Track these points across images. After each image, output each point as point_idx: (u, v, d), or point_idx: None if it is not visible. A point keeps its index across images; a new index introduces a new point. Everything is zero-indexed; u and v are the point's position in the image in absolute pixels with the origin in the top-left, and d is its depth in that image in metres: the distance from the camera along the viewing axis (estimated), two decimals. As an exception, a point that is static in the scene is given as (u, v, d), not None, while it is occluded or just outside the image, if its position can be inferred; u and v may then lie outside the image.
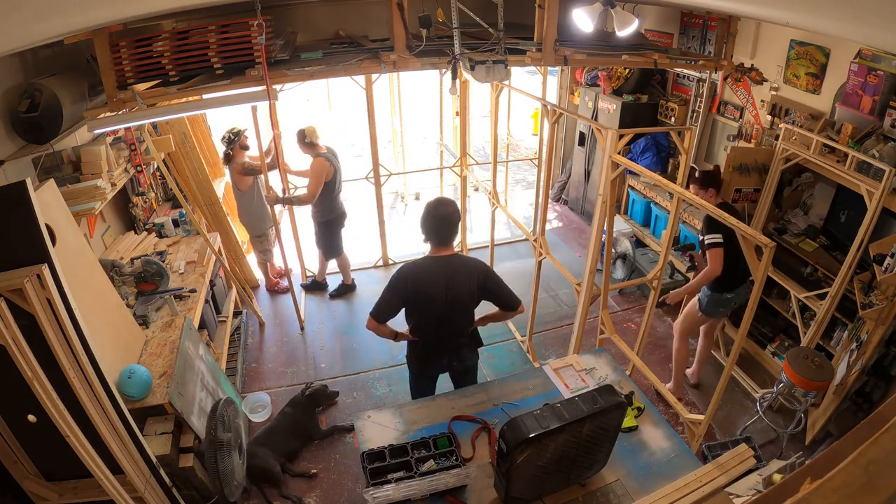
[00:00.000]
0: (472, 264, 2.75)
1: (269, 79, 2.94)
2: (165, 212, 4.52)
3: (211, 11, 3.38)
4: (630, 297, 5.15)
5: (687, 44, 4.68)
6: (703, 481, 1.95)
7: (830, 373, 3.08)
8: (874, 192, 2.94)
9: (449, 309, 2.71)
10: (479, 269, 2.72)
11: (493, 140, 4.56)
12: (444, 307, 2.70)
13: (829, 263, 3.56)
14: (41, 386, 2.04)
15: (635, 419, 2.58)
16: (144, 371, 2.73)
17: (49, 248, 2.10)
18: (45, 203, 2.38)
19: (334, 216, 4.81)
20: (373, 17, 4.10)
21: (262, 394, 3.94)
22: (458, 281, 2.66)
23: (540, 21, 3.34)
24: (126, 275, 3.42)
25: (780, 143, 3.62)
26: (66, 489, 2.48)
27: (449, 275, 2.66)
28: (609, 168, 3.01)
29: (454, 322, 2.80)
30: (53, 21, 1.93)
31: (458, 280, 2.66)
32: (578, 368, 2.90)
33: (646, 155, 5.27)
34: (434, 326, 2.80)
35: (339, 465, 3.46)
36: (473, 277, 2.69)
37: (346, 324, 4.88)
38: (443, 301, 2.68)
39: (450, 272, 2.66)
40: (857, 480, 0.87)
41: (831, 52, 3.46)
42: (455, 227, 2.69)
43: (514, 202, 7.09)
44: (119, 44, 2.82)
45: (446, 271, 2.66)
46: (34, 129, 2.67)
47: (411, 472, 2.20)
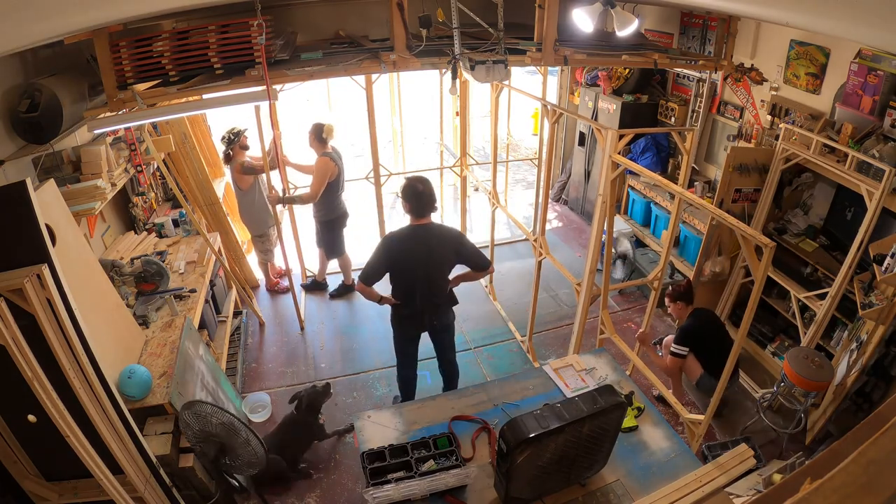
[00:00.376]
0: (448, 231, 3.17)
1: (269, 79, 2.94)
2: (165, 212, 4.52)
3: (211, 11, 3.38)
4: (630, 297, 5.15)
5: (687, 44, 4.68)
6: (703, 481, 1.95)
7: (830, 373, 3.08)
8: (874, 192, 2.94)
9: (429, 271, 3.09)
10: (453, 236, 3.14)
11: (493, 140, 4.56)
12: (424, 269, 3.07)
13: (829, 263, 3.56)
14: (41, 386, 2.04)
15: (635, 419, 2.58)
16: (144, 371, 2.73)
17: (49, 248, 2.10)
18: (45, 203, 2.38)
19: (336, 216, 4.81)
20: (373, 17, 4.10)
21: (262, 394, 3.94)
22: (437, 246, 3.05)
23: (540, 21, 3.33)
24: (126, 275, 3.42)
25: (780, 143, 3.62)
26: (66, 489, 2.48)
27: (429, 241, 3.04)
28: (609, 168, 3.01)
29: (433, 283, 3.15)
30: (53, 21, 1.93)
31: (437, 245, 3.05)
32: (578, 368, 2.90)
33: (646, 155, 5.27)
34: (415, 288, 3.13)
35: (339, 465, 3.46)
36: (449, 243, 3.08)
37: (346, 324, 4.88)
38: (424, 264, 3.05)
39: (429, 238, 3.05)
40: (857, 480, 0.87)
41: (831, 52, 3.46)
42: (433, 202, 3.06)
43: (514, 202, 7.09)
44: (119, 44, 2.82)
45: (426, 238, 3.04)
46: (34, 129, 2.67)
47: (411, 472, 2.20)
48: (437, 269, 3.12)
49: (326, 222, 4.79)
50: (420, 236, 3.05)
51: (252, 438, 2.65)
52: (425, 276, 3.09)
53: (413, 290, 3.14)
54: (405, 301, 3.19)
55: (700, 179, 4.85)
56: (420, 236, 3.05)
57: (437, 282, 3.17)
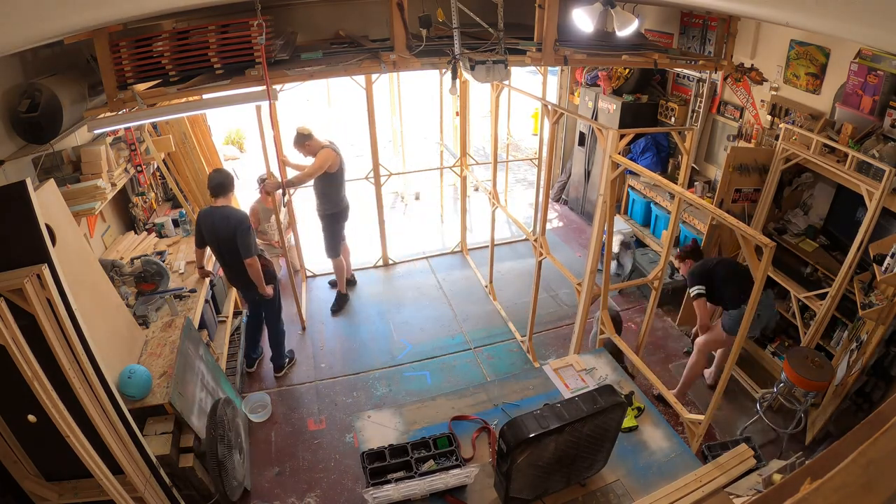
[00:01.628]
0: (233, 214, 3.57)
1: (269, 79, 2.94)
2: (165, 212, 4.52)
3: (211, 11, 3.38)
4: (630, 297, 5.15)
5: (687, 44, 4.68)
6: (703, 481, 1.95)
7: (830, 373, 3.08)
8: (874, 192, 2.94)
9: (220, 247, 3.63)
10: (236, 219, 3.54)
11: (493, 140, 4.56)
12: (217, 245, 3.64)
13: (829, 263, 3.56)
14: (41, 386, 2.04)
15: (635, 419, 2.58)
16: (144, 371, 2.73)
17: (49, 248, 2.11)
18: (45, 203, 2.38)
19: (339, 209, 4.79)
20: (373, 17, 4.10)
21: (262, 394, 3.94)
22: (221, 226, 3.54)
23: (540, 21, 3.34)
24: (126, 275, 3.42)
25: (780, 143, 3.62)
26: (66, 489, 2.48)
27: (216, 220, 3.55)
28: (609, 168, 3.01)
29: (226, 258, 3.67)
30: (53, 21, 1.93)
31: (221, 225, 3.54)
32: (578, 368, 2.90)
33: (646, 155, 5.27)
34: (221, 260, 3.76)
35: (339, 465, 3.46)
36: (231, 225, 3.52)
37: (346, 324, 4.88)
38: (215, 239, 3.60)
39: (216, 219, 3.55)
40: (857, 480, 0.87)
41: (831, 52, 3.46)
42: (223, 186, 3.59)
43: (514, 202, 7.09)
44: (119, 44, 2.82)
45: (214, 218, 3.56)
46: (34, 129, 2.67)
47: (411, 472, 2.20)
48: (226, 246, 3.58)
49: (329, 216, 4.77)
50: (212, 215, 3.58)
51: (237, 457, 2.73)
52: (218, 252, 3.68)
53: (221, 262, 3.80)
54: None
55: (700, 179, 4.85)
56: (212, 215, 3.58)
57: (230, 259, 3.64)
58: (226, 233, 3.53)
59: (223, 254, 3.66)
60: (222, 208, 3.57)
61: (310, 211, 6.84)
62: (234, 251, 3.56)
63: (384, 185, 5.36)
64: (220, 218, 3.54)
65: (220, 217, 3.55)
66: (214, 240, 3.62)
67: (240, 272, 3.68)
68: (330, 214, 4.75)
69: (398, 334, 4.67)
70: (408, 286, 5.40)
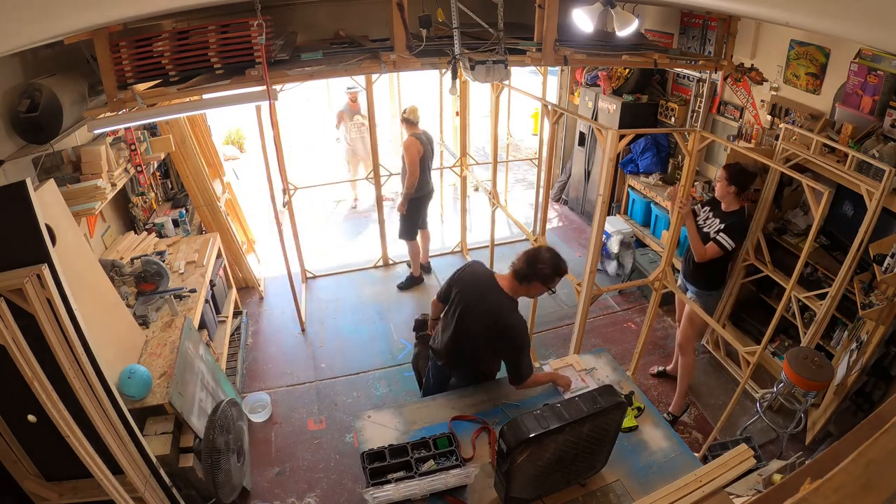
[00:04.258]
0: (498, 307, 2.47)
1: (269, 79, 2.94)
2: (165, 212, 4.52)
3: (211, 11, 3.38)
4: (630, 297, 5.15)
5: (687, 44, 4.68)
6: (703, 481, 1.95)
7: (830, 373, 3.08)
8: (874, 192, 2.94)
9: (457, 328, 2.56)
10: (493, 313, 2.47)
11: (493, 140, 4.56)
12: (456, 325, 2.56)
13: (829, 263, 3.56)
14: (41, 386, 2.04)
15: (635, 419, 2.58)
16: (144, 371, 2.73)
17: (49, 248, 2.10)
18: (45, 203, 2.38)
19: (424, 193, 5.00)
20: (373, 17, 4.10)
21: (262, 394, 3.94)
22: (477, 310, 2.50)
23: (540, 21, 3.33)
24: (126, 275, 3.42)
25: (780, 144, 3.62)
26: (66, 489, 2.47)
27: (475, 296, 2.51)
28: (609, 168, 3.01)
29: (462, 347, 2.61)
30: (53, 21, 1.93)
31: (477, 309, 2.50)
32: (578, 368, 2.90)
33: (646, 155, 5.27)
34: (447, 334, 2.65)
35: (339, 465, 3.46)
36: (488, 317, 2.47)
37: (346, 324, 4.88)
38: (456, 318, 2.56)
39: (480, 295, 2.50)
40: (857, 480, 0.87)
41: (831, 52, 3.46)
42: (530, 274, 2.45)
43: (514, 202, 7.09)
44: (119, 44, 2.82)
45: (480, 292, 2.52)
46: (34, 129, 2.67)
47: (411, 472, 2.20)
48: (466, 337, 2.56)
49: (414, 199, 4.92)
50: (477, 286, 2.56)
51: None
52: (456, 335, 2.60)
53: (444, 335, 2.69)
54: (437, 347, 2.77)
55: (700, 179, 4.85)
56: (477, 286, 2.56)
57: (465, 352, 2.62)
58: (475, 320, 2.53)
59: (461, 338, 2.60)
60: (494, 286, 2.52)
61: (310, 211, 6.87)
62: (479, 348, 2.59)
63: (384, 186, 5.36)
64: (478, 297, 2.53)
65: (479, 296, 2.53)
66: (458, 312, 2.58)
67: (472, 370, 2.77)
68: (415, 199, 4.94)
69: (398, 334, 4.67)
70: (408, 286, 5.39)
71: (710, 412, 3.82)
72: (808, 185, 2.59)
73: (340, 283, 5.45)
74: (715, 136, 3.44)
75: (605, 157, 3.01)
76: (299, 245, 5.10)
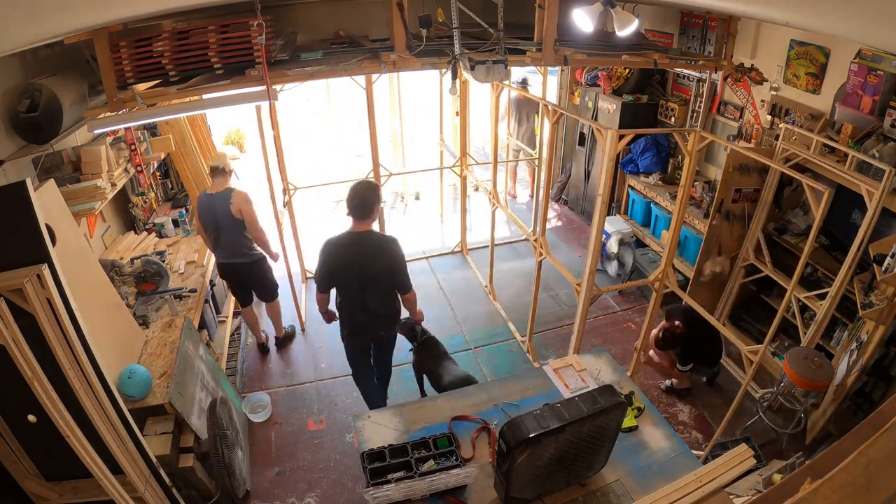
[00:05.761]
0: (385, 242, 2.94)
1: (269, 79, 2.94)
2: (165, 212, 4.52)
3: (211, 11, 3.37)
4: (630, 297, 5.15)
5: (687, 44, 4.68)
6: (703, 481, 1.95)
7: (830, 373, 3.08)
8: (874, 192, 2.94)
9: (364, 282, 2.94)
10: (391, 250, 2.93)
11: (493, 140, 4.56)
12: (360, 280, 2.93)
13: (829, 263, 3.56)
14: (41, 386, 2.04)
15: (635, 419, 2.58)
16: (144, 371, 2.73)
17: (49, 248, 2.11)
18: (45, 203, 2.38)
19: None
20: (373, 17, 4.10)
21: (262, 394, 3.94)
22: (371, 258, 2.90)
23: (540, 21, 3.33)
24: (126, 275, 3.42)
25: (780, 143, 3.62)
26: (66, 489, 2.48)
27: (362, 251, 2.90)
28: (609, 168, 3.01)
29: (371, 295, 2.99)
30: (53, 21, 1.93)
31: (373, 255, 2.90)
32: (578, 368, 2.89)
33: (646, 155, 5.27)
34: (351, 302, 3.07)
35: (339, 465, 3.46)
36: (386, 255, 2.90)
37: (346, 324, 4.87)
38: (359, 274, 2.92)
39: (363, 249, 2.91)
40: (857, 480, 0.87)
41: (831, 52, 3.46)
42: (367, 205, 2.90)
43: (514, 202, 7.09)
44: (119, 44, 2.82)
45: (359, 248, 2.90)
46: (34, 129, 2.67)
47: (411, 472, 2.20)
48: (373, 281, 2.96)
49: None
50: (354, 245, 2.92)
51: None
52: (360, 288, 2.97)
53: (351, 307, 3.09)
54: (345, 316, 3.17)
55: (700, 179, 4.85)
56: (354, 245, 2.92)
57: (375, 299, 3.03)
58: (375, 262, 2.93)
59: (365, 289, 2.99)
60: (369, 233, 2.96)
61: (310, 211, 6.87)
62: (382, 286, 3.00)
63: (384, 186, 5.35)
64: (372, 245, 2.94)
65: (371, 244, 2.94)
66: (355, 270, 2.94)
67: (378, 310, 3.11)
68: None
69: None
70: (408, 286, 5.39)
71: (710, 412, 3.82)
72: (808, 185, 2.59)
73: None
74: (715, 136, 3.44)
75: (605, 157, 3.01)
76: (299, 245, 5.09)
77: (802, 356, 3.10)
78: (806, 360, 3.06)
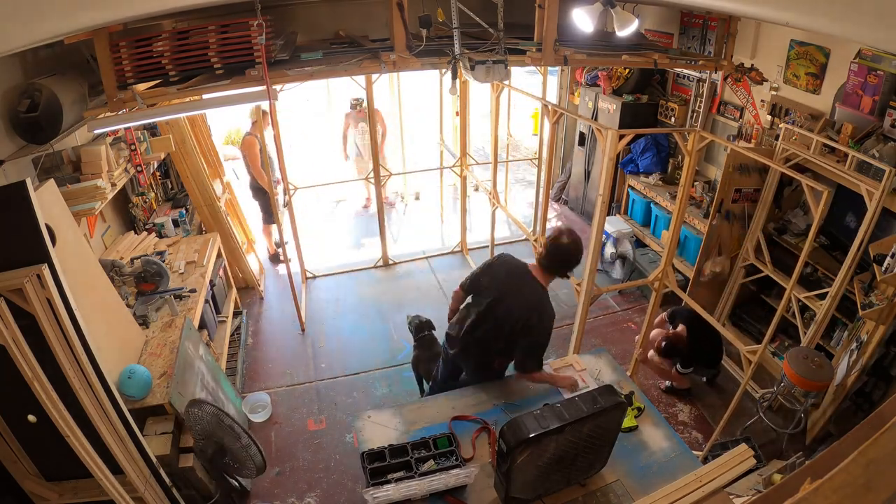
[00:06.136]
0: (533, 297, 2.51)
1: (269, 79, 2.94)
2: (165, 212, 4.52)
3: (211, 11, 3.37)
4: (630, 297, 5.15)
5: (687, 44, 4.68)
6: (703, 481, 1.95)
7: (830, 373, 3.08)
8: (874, 192, 2.94)
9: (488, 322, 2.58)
10: (533, 303, 2.50)
11: (493, 140, 4.56)
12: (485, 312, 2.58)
13: (829, 263, 3.56)
14: (41, 386, 2.04)
15: (635, 419, 2.58)
16: (144, 371, 2.73)
17: (49, 248, 2.11)
18: (45, 203, 2.38)
19: None
20: (373, 17, 4.10)
21: (262, 394, 3.94)
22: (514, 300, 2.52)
23: (540, 21, 3.33)
24: (126, 275, 3.42)
25: (780, 144, 3.62)
26: (66, 489, 2.48)
27: (512, 288, 2.54)
28: (609, 168, 3.01)
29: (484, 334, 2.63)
30: (53, 21, 1.93)
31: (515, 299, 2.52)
32: (578, 368, 2.89)
33: (646, 155, 5.27)
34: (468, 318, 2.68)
35: (339, 465, 3.46)
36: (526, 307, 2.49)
37: (346, 324, 4.87)
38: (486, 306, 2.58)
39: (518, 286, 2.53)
40: (857, 480, 0.87)
41: (831, 52, 3.46)
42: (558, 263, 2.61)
43: (514, 202, 7.09)
44: (119, 44, 2.82)
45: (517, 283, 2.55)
46: (34, 129, 2.67)
47: (411, 472, 2.20)
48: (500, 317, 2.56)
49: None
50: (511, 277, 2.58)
51: (251, 445, 2.65)
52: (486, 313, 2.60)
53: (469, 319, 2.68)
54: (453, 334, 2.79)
55: (700, 179, 4.85)
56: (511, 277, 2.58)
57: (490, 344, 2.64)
58: (512, 307, 2.54)
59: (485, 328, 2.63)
60: (534, 281, 2.57)
61: (310, 211, 6.87)
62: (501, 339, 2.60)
63: (384, 185, 5.36)
64: (529, 290, 2.54)
65: (528, 289, 2.55)
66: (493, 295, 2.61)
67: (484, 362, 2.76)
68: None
69: (398, 334, 4.67)
70: (408, 286, 5.39)
71: (710, 412, 3.82)
72: (808, 185, 2.59)
73: (341, 283, 5.45)
74: (715, 136, 3.45)
75: (605, 157, 3.01)
76: (299, 245, 5.09)
77: (802, 356, 3.10)
78: (806, 360, 3.06)
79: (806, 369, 3.00)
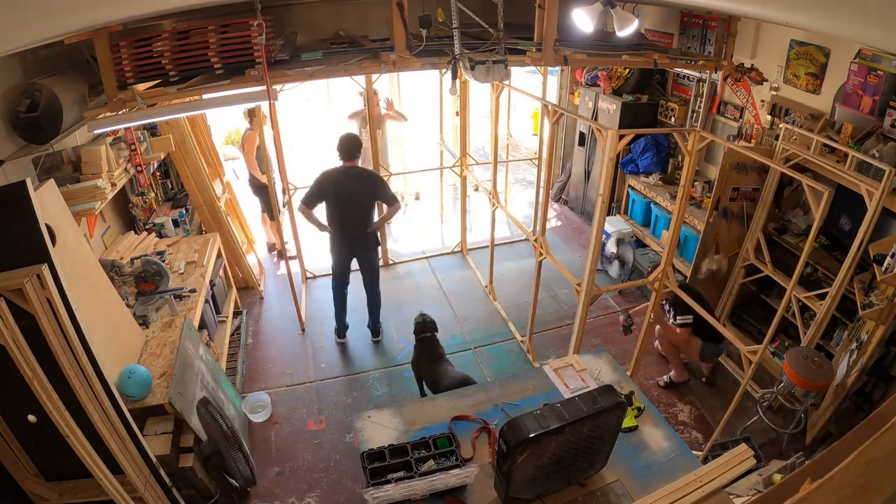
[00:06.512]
0: (370, 173, 4.10)
1: (269, 79, 2.94)
2: (165, 212, 4.52)
3: (211, 11, 3.37)
4: (630, 297, 5.15)
5: (687, 44, 4.68)
6: (703, 481, 1.95)
7: (830, 373, 3.08)
8: (874, 192, 2.94)
9: (352, 202, 3.98)
10: (374, 175, 4.11)
11: (493, 140, 4.56)
12: (349, 200, 3.95)
13: (829, 263, 3.56)
14: (41, 386, 2.03)
15: (635, 419, 2.58)
16: (144, 371, 2.73)
17: (49, 248, 2.10)
18: (45, 203, 2.38)
19: None
20: (373, 17, 4.10)
21: (262, 394, 3.94)
22: (358, 182, 3.97)
23: (540, 21, 3.34)
24: (126, 275, 3.42)
25: (780, 143, 3.62)
26: (66, 489, 2.48)
27: (353, 179, 3.97)
28: (609, 168, 3.01)
29: (353, 215, 4.02)
30: (53, 21, 1.93)
31: (357, 181, 3.98)
32: (578, 368, 2.89)
33: (646, 155, 5.27)
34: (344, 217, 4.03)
35: (339, 465, 3.46)
36: (371, 181, 3.99)
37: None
38: (345, 197, 3.93)
39: (353, 177, 3.98)
40: (857, 480, 0.88)
41: (831, 52, 3.46)
42: (354, 148, 3.94)
43: (514, 202, 7.09)
44: (119, 44, 2.82)
45: (350, 176, 3.97)
46: (34, 129, 2.67)
47: (411, 472, 2.20)
48: (359, 195, 3.95)
49: None
50: (347, 175, 3.96)
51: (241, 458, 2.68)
52: (344, 208, 3.98)
53: (339, 222, 4.06)
54: (335, 230, 4.11)
55: (700, 179, 4.85)
56: (347, 175, 3.96)
57: (361, 214, 4.04)
58: (363, 187, 3.94)
59: (351, 210, 3.99)
60: (355, 167, 3.98)
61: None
62: (365, 207, 4.02)
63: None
64: (357, 176, 3.97)
65: (356, 175, 3.97)
66: (344, 197, 3.93)
67: (361, 231, 4.06)
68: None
69: (398, 334, 4.67)
70: (408, 286, 5.40)
71: (710, 412, 3.82)
72: (808, 185, 2.59)
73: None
74: (715, 136, 3.44)
75: (605, 157, 3.01)
76: (299, 245, 5.09)
77: (802, 356, 3.10)
78: (806, 360, 3.06)
79: (806, 369, 3.01)
